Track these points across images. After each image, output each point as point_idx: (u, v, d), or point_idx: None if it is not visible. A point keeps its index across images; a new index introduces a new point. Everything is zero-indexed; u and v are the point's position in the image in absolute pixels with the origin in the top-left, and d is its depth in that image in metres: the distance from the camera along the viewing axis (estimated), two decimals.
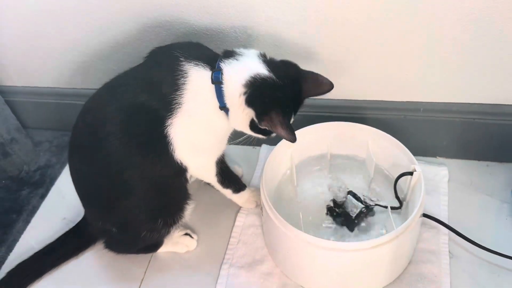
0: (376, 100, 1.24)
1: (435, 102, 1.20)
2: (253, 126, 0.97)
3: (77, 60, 1.34)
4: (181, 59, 0.93)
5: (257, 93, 0.91)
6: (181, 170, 1.02)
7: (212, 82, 0.93)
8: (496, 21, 1.00)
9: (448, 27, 1.04)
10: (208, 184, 1.16)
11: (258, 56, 0.95)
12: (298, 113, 0.99)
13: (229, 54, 0.95)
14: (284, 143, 1.15)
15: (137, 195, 1.01)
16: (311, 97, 0.98)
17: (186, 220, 1.13)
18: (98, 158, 0.99)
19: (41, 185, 1.41)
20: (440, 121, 1.22)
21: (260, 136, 1.00)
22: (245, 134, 1.02)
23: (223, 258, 1.15)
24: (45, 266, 1.16)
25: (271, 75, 0.91)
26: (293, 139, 0.92)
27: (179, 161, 1.00)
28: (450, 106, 1.19)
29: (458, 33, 1.04)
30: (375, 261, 1.00)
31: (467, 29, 1.03)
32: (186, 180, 1.08)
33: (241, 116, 0.95)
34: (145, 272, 1.15)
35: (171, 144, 0.96)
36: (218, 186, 1.15)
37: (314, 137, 1.21)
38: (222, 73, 0.92)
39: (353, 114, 1.25)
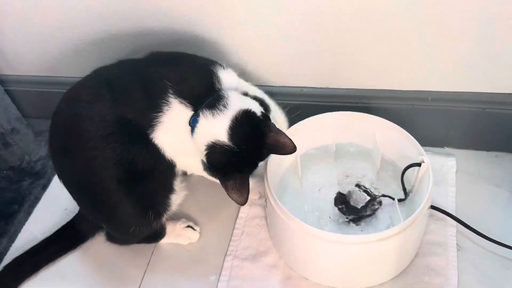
0: (383, 89, 1.21)
1: (444, 92, 1.18)
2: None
3: (78, 49, 1.32)
4: (170, 91, 0.95)
5: (212, 158, 0.96)
6: (172, 165, 1.03)
7: (189, 124, 0.96)
8: (507, 7, 0.98)
9: (457, 13, 1.01)
10: None
11: (233, 117, 0.94)
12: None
13: (212, 104, 0.95)
14: (288, 132, 1.13)
15: (117, 195, 1.00)
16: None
17: (174, 210, 1.11)
18: (79, 154, 0.98)
19: (42, 175, 1.39)
20: (448, 110, 1.20)
21: None
22: None
23: (227, 250, 1.14)
24: (43, 260, 1.15)
25: (229, 143, 0.94)
26: (241, 203, 0.96)
27: (169, 159, 1.01)
28: (459, 95, 1.17)
29: (467, 20, 1.02)
30: (382, 254, 0.99)
31: (477, 16, 1.01)
32: (175, 174, 1.07)
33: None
34: (148, 264, 1.15)
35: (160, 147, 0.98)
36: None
37: (320, 127, 1.19)
38: (197, 122, 0.95)
39: (359, 104, 1.23)
